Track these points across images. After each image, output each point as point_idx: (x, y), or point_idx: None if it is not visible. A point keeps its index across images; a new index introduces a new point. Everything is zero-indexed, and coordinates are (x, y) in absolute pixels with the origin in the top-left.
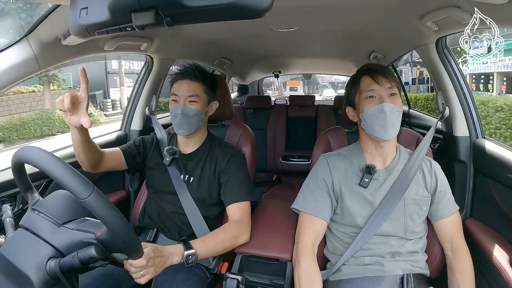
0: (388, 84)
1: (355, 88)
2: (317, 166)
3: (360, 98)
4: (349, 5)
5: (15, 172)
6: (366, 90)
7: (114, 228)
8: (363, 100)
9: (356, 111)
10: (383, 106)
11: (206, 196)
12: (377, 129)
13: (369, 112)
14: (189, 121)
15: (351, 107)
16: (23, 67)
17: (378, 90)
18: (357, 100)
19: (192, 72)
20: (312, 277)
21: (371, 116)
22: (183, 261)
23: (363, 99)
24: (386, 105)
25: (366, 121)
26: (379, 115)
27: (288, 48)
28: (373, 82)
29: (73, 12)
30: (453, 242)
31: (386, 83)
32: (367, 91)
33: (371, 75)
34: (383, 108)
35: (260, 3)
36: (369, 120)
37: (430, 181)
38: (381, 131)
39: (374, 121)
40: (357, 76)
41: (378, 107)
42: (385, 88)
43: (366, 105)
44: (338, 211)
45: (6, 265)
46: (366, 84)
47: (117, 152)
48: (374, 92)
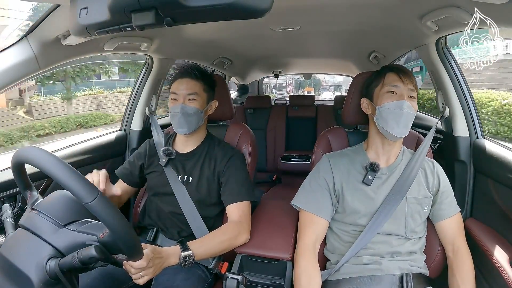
0: (411, 86)
1: (377, 81)
2: (319, 166)
3: (380, 91)
4: (349, 5)
5: (15, 171)
6: (389, 84)
7: (117, 232)
8: (383, 94)
9: (372, 103)
10: (402, 103)
11: (205, 196)
12: (391, 124)
13: (387, 105)
14: (188, 119)
15: (366, 99)
16: (23, 67)
17: (401, 88)
18: (377, 93)
19: (191, 70)
20: (311, 276)
21: (388, 110)
22: (180, 262)
23: (384, 92)
24: (405, 102)
25: (382, 115)
26: (397, 111)
27: (288, 48)
28: (398, 79)
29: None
30: (455, 243)
31: (409, 83)
32: (390, 85)
33: (397, 72)
34: (402, 104)
35: (260, 3)
36: (384, 114)
37: (432, 182)
38: (394, 127)
39: (390, 116)
40: (382, 70)
41: (397, 103)
42: (407, 88)
43: (386, 99)
44: (339, 210)
45: (6, 265)
46: (390, 79)
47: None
48: (396, 88)
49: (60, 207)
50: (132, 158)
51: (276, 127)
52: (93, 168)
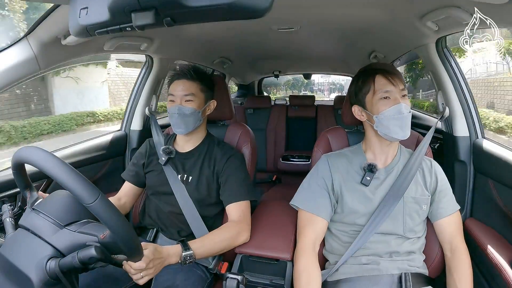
0: (401, 86)
1: (366, 87)
2: (318, 166)
3: (373, 99)
4: (349, 5)
5: (15, 171)
6: (382, 90)
7: (118, 233)
8: (377, 101)
9: (366, 111)
10: (400, 107)
11: (205, 195)
12: (394, 130)
13: (386, 113)
14: (186, 119)
15: (358, 106)
16: (23, 67)
17: (393, 92)
18: (369, 100)
19: (187, 71)
20: (311, 275)
21: (387, 117)
22: (180, 262)
23: (378, 100)
24: (402, 105)
25: (382, 122)
26: (397, 116)
27: (288, 48)
28: (388, 82)
29: (73, 12)
30: (453, 242)
31: (400, 84)
32: (382, 92)
33: (385, 75)
34: (400, 109)
35: (260, 3)
36: (385, 122)
37: (430, 181)
38: (398, 132)
39: (392, 122)
40: (368, 75)
41: (396, 108)
42: (399, 89)
43: (382, 107)
44: (338, 210)
45: (6, 265)
46: (381, 84)
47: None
48: (389, 93)
49: (60, 207)
50: (135, 159)
51: (276, 127)
52: (93, 168)
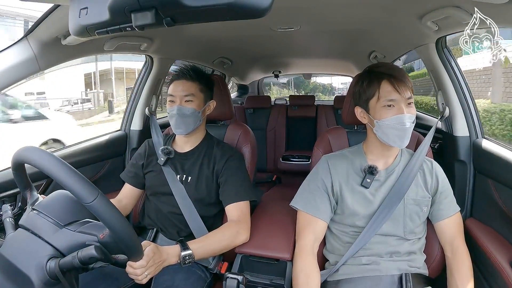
0: (408, 94)
1: (371, 91)
2: (318, 167)
3: (377, 105)
4: (349, 4)
5: (15, 171)
6: (386, 98)
7: (117, 232)
8: (380, 108)
9: (368, 114)
10: (403, 118)
11: (204, 195)
12: (393, 139)
13: (387, 121)
14: (185, 120)
15: (361, 108)
16: (23, 67)
17: (398, 100)
18: (373, 105)
19: (186, 72)
20: (309, 276)
21: (388, 125)
22: (180, 262)
23: (381, 106)
24: (405, 116)
25: (382, 129)
26: (398, 126)
27: (288, 48)
28: (394, 90)
29: (73, 12)
30: (453, 243)
31: (406, 92)
32: (387, 100)
33: (392, 82)
34: (403, 120)
35: (260, 3)
36: (385, 129)
37: (430, 182)
38: (397, 141)
39: (391, 131)
40: (373, 78)
41: (398, 119)
42: (405, 98)
43: (384, 114)
44: (338, 211)
45: (6, 265)
46: (386, 91)
47: (129, 189)
48: (393, 101)
49: (60, 207)
50: (134, 160)
51: (276, 127)
52: (93, 168)
